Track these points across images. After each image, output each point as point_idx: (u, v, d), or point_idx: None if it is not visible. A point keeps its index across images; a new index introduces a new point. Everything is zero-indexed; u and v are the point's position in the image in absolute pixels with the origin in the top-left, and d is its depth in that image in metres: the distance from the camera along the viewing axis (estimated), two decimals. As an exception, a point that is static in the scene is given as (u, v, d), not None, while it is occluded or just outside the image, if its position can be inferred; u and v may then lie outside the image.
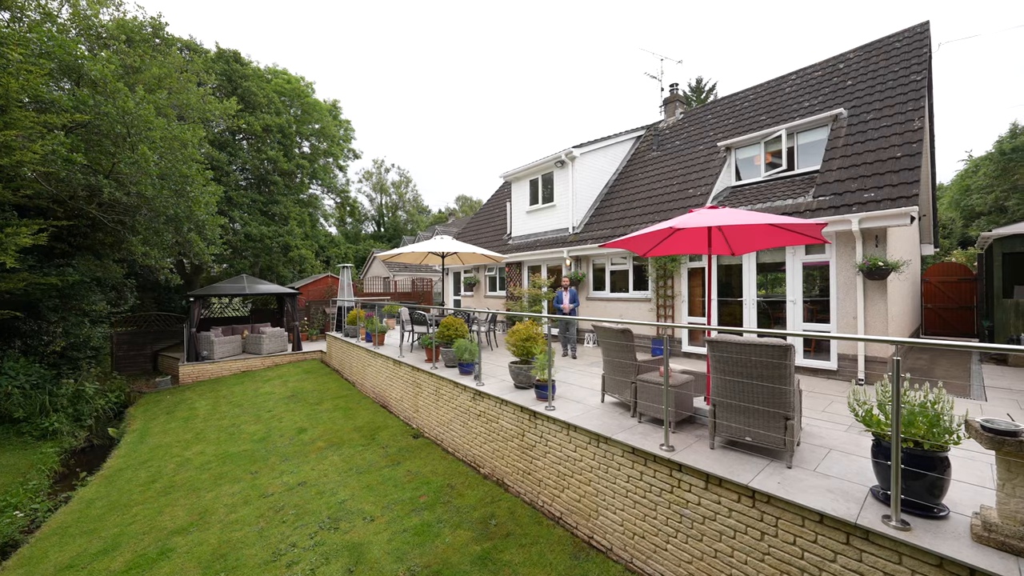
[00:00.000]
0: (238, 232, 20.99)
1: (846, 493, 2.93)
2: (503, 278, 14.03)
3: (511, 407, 5.42)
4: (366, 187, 54.21)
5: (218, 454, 6.92)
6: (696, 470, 3.44)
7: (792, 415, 3.35)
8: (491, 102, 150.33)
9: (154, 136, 10.03)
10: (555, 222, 11.82)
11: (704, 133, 10.86)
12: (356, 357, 10.88)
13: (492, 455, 5.74)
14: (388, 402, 8.90)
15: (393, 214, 55.96)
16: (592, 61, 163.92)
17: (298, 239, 23.60)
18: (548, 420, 4.86)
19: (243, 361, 12.91)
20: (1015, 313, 7.71)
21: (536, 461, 5.01)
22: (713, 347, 3.66)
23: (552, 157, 11.38)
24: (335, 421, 8.11)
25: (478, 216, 18.30)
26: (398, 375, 8.52)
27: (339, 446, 6.92)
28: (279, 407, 9.19)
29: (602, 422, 4.50)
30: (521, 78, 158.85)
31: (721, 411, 3.72)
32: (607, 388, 5.20)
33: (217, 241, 13.45)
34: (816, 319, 6.83)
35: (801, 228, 3.92)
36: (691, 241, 5.08)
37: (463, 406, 6.38)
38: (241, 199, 21.24)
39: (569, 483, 4.57)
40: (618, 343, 4.80)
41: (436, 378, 7.14)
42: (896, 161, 6.29)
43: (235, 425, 8.22)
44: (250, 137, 22.98)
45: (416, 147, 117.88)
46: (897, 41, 8.52)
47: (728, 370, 3.60)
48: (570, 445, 4.58)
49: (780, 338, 3.63)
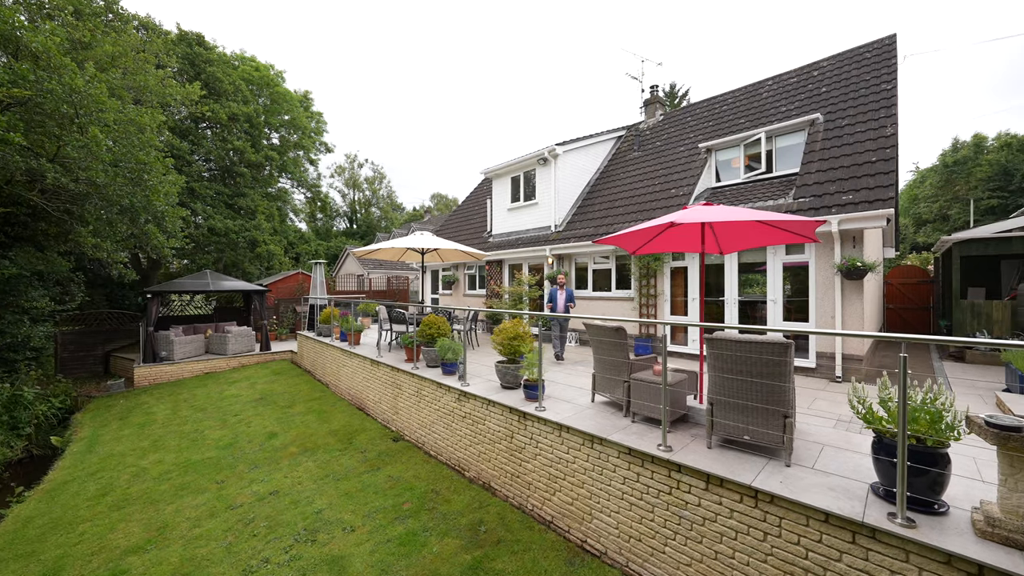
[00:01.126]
0: (201, 226, 19.81)
1: (847, 491, 2.91)
2: (483, 276, 13.81)
3: (499, 408, 5.24)
4: (338, 182, 52.66)
5: (179, 463, 6.38)
6: (696, 471, 3.36)
7: (791, 413, 3.33)
8: (467, 99, 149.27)
9: (107, 118, 9.22)
10: (537, 220, 11.70)
11: (684, 134, 11.01)
12: (330, 357, 10.41)
13: (478, 458, 5.53)
14: (365, 404, 8.53)
15: (366, 210, 54.57)
16: (570, 62, 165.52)
17: (266, 234, 22.55)
18: (539, 421, 4.71)
19: (206, 362, 12.12)
20: (971, 313, 8.17)
21: (526, 464, 4.85)
22: (712, 345, 3.60)
23: (535, 154, 11.26)
24: (309, 425, 7.68)
25: (457, 213, 17.99)
26: (376, 376, 8.17)
27: (314, 451, 6.53)
28: (247, 410, 8.63)
29: (595, 422, 4.39)
30: (498, 76, 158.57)
31: (719, 410, 3.67)
32: (597, 387, 5.10)
33: (178, 234, 12.58)
34: (795, 318, 6.98)
35: (798, 226, 3.93)
36: (683, 238, 5.05)
37: (447, 407, 6.15)
38: (204, 191, 20.06)
39: (561, 486, 4.44)
40: (611, 341, 4.71)
41: (418, 379, 6.86)
42: (871, 165, 6.51)
43: (198, 431, 7.64)
44: (215, 126, 21.76)
45: (390, 144, 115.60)
46: (867, 51, 8.89)
47: (727, 368, 3.55)
48: (562, 447, 4.44)
49: (759, 332, 3.61)
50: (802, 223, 3.87)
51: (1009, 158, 28.87)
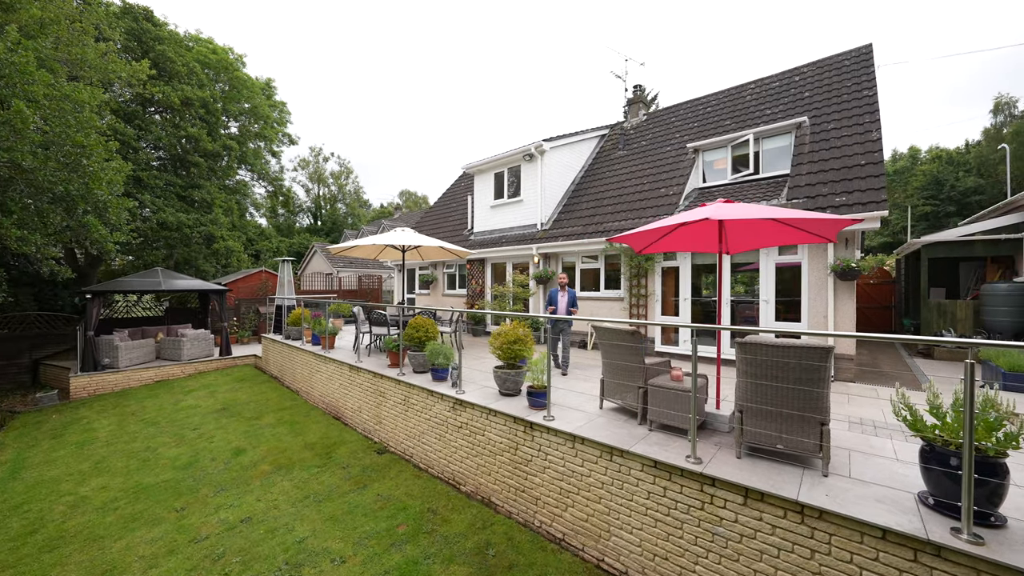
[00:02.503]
0: (149, 219, 18.06)
1: (896, 502, 2.76)
2: (463, 275, 13.33)
3: (501, 418, 4.87)
4: (302, 176, 50.23)
5: (128, 488, 5.56)
6: (733, 484, 3.14)
7: (828, 419, 3.17)
8: (438, 95, 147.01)
9: (35, 92, 8.04)
10: (522, 218, 11.38)
11: (670, 134, 11.03)
12: (301, 362, 9.63)
13: (476, 471, 5.13)
14: (342, 413, 7.89)
15: (332, 206, 52.37)
16: (544, 61, 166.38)
17: (224, 229, 20.91)
18: (548, 432, 4.37)
19: (157, 369, 10.94)
20: (938, 312, 8.59)
21: (533, 477, 4.50)
22: (745, 349, 3.40)
23: (520, 150, 10.93)
24: (280, 438, 6.98)
25: (434, 210, 17.37)
26: (355, 383, 7.57)
27: (289, 469, 5.88)
28: (208, 423, 7.77)
29: (611, 432, 4.11)
30: (471, 72, 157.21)
31: (749, 417, 3.47)
32: (606, 393, 4.83)
33: (124, 228, 11.27)
34: (787, 318, 7.04)
35: (823, 226, 3.81)
36: (695, 237, 4.87)
37: (440, 417, 5.70)
38: (154, 181, 18.32)
39: (574, 500, 4.13)
40: (624, 345, 4.45)
41: (405, 386, 6.36)
42: (861, 168, 6.63)
43: (150, 449, 6.75)
44: (165, 110, 19.93)
45: (357, 139, 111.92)
46: (846, 59, 9.17)
47: (760, 373, 3.36)
48: (576, 459, 4.13)
49: (794, 336, 3.45)
50: (831, 222, 3.74)
51: (940, 169, 31.57)
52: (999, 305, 7.74)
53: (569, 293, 6.79)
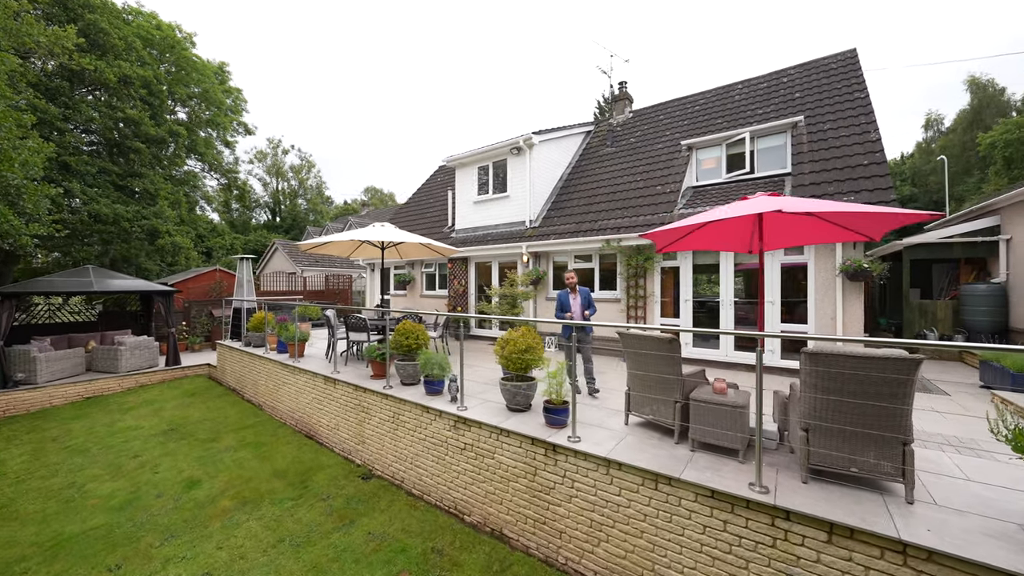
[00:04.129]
0: (79, 210, 15.93)
1: (1009, 537, 2.41)
2: (444, 275, 12.56)
3: (515, 438, 4.25)
4: (259, 169, 47.08)
5: (44, 541, 4.45)
6: (813, 518, 2.70)
7: (911, 439, 2.81)
8: (405, 89, 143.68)
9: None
10: (509, 214, 10.79)
11: (660, 132, 10.81)
12: (265, 373, 8.55)
13: (484, 499, 4.49)
14: (316, 431, 6.98)
15: (291, 202, 49.47)
16: (516, 56, 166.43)
17: (170, 223, 18.90)
18: (575, 455, 3.81)
19: (88, 383, 9.42)
20: (919, 312, 8.81)
21: (556, 507, 3.92)
22: (815, 360, 2.98)
23: (508, 143, 10.34)
24: (244, 464, 6.00)
25: (409, 206, 16.42)
26: (332, 397, 6.69)
27: (256, 504, 4.98)
28: (152, 449, 6.61)
29: (649, 454, 3.60)
30: (440, 65, 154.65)
31: (816, 436, 3.06)
32: (632, 406, 4.34)
33: (44, 218, 9.66)
34: (793, 320, 6.87)
35: (886, 221, 3.48)
36: (728, 234, 4.48)
37: (438, 436, 5.00)
38: (84, 167, 16.19)
39: (609, 534, 3.59)
40: (657, 355, 3.96)
41: (394, 401, 5.60)
42: (865, 168, 6.56)
43: (75, 485, 5.57)
44: (98, 88, 17.70)
45: (319, 133, 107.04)
46: (832, 62, 9.26)
47: (832, 387, 2.95)
48: (611, 487, 3.59)
49: (870, 344, 3.07)
50: (886, 218, 3.41)
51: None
52: (978, 305, 7.99)
53: (582, 294, 5.79)
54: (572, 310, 5.75)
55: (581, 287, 5.91)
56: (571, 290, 5.86)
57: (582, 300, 5.77)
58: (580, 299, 5.78)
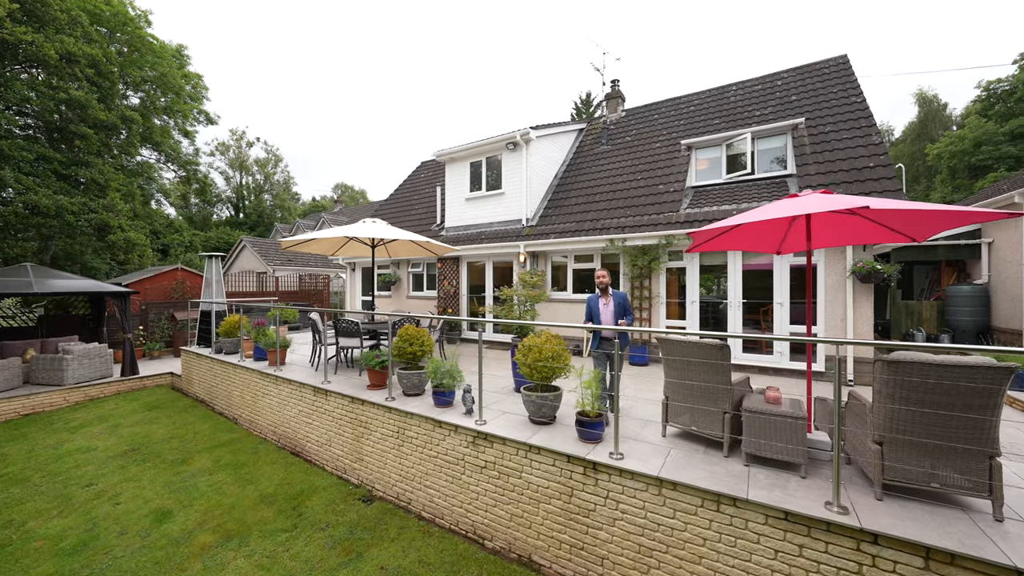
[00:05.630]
0: (12, 201, 14.21)
1: (1119, 559, 2.25)
2: (433, 275, 11.99)
3: (547, 456, 3.87)
4: (220, 162, 44.36)
5: (-22, 593, 3.67)
6: (905, 542, 2.47)
7: (999, 452, 2.64)
8: (379, 84, 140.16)
9: None
10: (504, 212, 10.38)
11: (656, 131, 10.71)
12: (241, 383, 7.76)
13: (510, 522, 4.08)
14: (304, 448, 6.33)
15: (256, 197, 46.96)
16: (494, 55, 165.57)
17: (123, 218, 17.26)
18: (620, 474, 3.47)
19: (27, 398, 8.26)
20: (906, 312, 9.09)
21: (597, 532, 3.57)
22: (895, 369, 2.77)
23: (503, 137, 9.93)
24: (223, 490, 5.30)
25: (391, 203, 15.68)
26: (323, 409, 6.07)
27: (243, 537, 4.34)
28: (109, 475, 5.76)
29: (702, 471, 3.31)
30: (414, 61, 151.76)
31: (892, 449, 2.86)
32: (671, 416, 4.05)
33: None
34: (802, 321, 6.84)
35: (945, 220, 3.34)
36: (761, 234, 4.28)
37: (453, 454, 4.55)
38: (19, 153, 14.47)
39: (661, 561, 3.27)
40: (703, 362, 3.68)
41: (399, 414, 5.09)
42: (871, 170, 6.60)
43: (13, 523, 4.70)
44: (35, 65, 15.88)
45: (287, 126, 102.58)
46: (825, 68, 9.42)
47: (913, 398, 2.75)
48: (664, 509, 3.27)
49: (958, 352, 2.90)
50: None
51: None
52: (962, 305, 8.30)
53: (616, 299, 4.75)
54: (603, 318, 4.76)
55: (615, 290, 4.93)
56: (602, 293, 4.87)
57: (615, 306, 4.75)
58: (613, 305, 4.76)
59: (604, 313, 4.80)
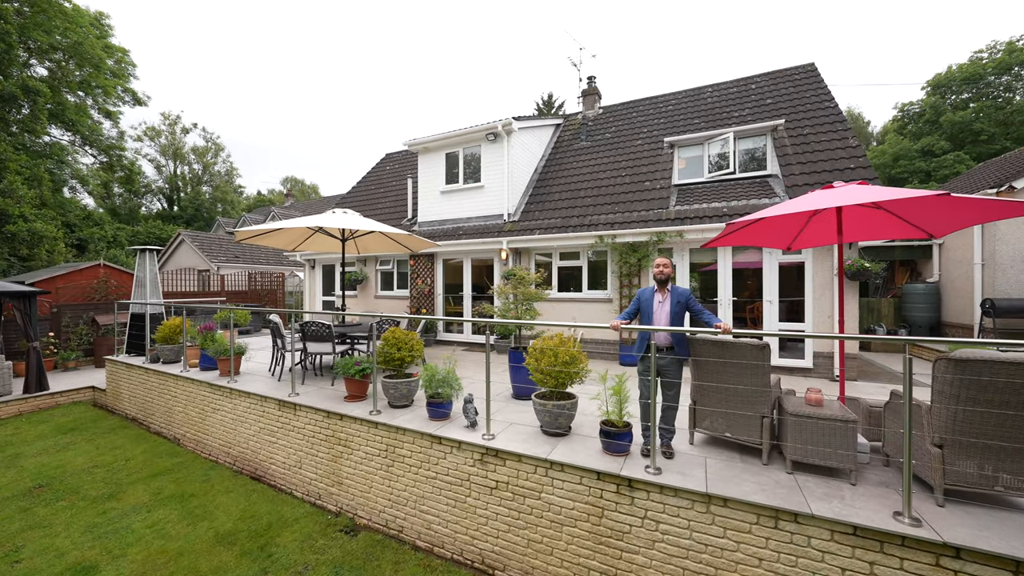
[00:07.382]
0: None
1: None
2: (404, 273, 11.20)
3: (571, 473, 3.44)
4: (151, 148, 39.92)
5: None
6: (993, 555, 2.29)
7: (1063, 452, 2.54)
8: (334, 72, 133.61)
9: None
10: (483, 207, 9.84)
11: (637, 129, 10.64)
12: (185, 397, 6.66)
13: (526, 549, 3.61)
14: (266, 471, 5.46)
15: (194, 189, 42.79)
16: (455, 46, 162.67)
17: (26, 205, 14.78)
18: (660, 491, 3.11)
19: None
20: (867, 309, 9.61)
21: (632, 556, 3.19)
22: (960, 368, 2.61)
23: (483, 127, 9.41)
24: (167, 531, 4.36)
25: (354, 195, 14.59)
26: (291, 425, 5.26)
27: (197, 591, 3.52)
28: (7, 521, 4.59)
29: (753, 484, 3.03)
30: (366, 51, 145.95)
31: (954, 453, 2.70)
32: (699, 421, 3.76)
33: None
34: (790, 318, 6.93)
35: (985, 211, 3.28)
36: (781, 229, 4.11)
37: (456, 473, 4.00)
38: None
39: (708, 587, 2.94)
40: (741, 363, 3.41)
41: (387, 429, 4.45)
42: (852, 172, 6.80)
43: None
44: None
45: (229, 113, 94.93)
46: (796, 74, 9.77)
47: (978, 398, 2.60)
48: (713, 528, 2.94)
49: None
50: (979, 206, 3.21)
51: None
52: (918, 302, 8.87)
53: (675, 294, 3.60)
54: (656, 319, 3.61)
55: (676, 286, 3.70)
56: (658, 287, 3.68)
57: (673, 304, 3.57)
58: (670, 303, 3.59)
59: (658, 312, 3.62)
